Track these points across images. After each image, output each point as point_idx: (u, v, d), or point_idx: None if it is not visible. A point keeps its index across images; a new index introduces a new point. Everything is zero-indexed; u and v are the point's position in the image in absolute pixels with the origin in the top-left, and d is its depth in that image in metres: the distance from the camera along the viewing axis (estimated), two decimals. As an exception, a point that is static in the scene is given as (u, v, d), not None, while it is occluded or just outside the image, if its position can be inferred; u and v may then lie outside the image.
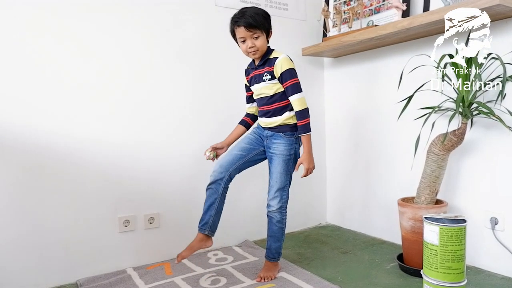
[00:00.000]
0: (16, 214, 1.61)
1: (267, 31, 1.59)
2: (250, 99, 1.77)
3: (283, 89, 1.59)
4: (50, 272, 1.67)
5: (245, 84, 1.75)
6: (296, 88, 1.56)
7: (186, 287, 1.61)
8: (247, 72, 1.71)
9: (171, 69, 1.95)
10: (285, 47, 2.32)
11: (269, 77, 1.58)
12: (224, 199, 1.65)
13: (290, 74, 1.56)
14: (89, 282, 1.68)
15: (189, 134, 2.01)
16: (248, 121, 1.79)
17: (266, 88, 1.61)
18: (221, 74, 2.09)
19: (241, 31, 1.53)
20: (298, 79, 1.57)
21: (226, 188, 1.65)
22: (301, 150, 1.64)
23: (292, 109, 1.61)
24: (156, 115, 1.92)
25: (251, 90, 1.72)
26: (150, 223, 1.91)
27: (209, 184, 1.64)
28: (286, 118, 1.62)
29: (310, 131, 1.60)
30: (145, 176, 1.89)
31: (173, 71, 1.96)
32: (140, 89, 1.87)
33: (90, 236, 1.76)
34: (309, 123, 1.59)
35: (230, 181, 1.67)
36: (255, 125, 1.78)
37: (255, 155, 1.69)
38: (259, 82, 1.63)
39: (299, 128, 1.60)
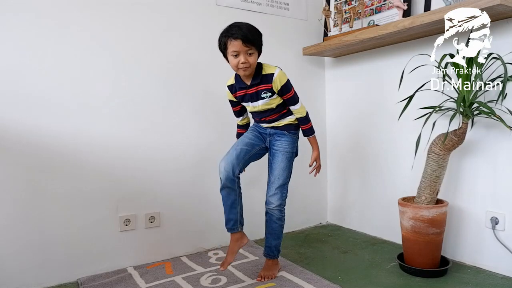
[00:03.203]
0: (17, 213, 1.61)
1: (259, 51, 1.54)
2: (239, 113, 1.75)
3: (282, 100, 1.61)
4: (51, 270, 1.68)
5: (231, 100, 1.70)
6: (295, 99, 1.61)
7: (186, 286, 1.61)
8: (234, 89, 1.65)
9: (171, 69, 1.96)
10: (286, 46, 2.34)
11: (269, 94, 1.57)
12: (241, 191, 1.62)
13: (288, 87, 1.58)
14: (90, 281, 1.69)
15: (189, 134, 2.01)
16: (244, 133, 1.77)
17: (267, 104, 1.60)
18: (222, 73, 2.09)
19: (236, 44, 1.46)
20: (294, 89, 1.60)
21: (239, 182, 1.60)
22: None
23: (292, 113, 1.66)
24: (157, 115, 1.92)
25: (238, 105, 1.71)
26: (151, 222, 1.91)
27: (223, 184, 1.57)
28: (289, 120, 1.66)
29: (314, 131, 1.71)
30: (145, 175, 1.89)
31: (173, 71, 1.96)
32: (140, 90, 1.87)
33: (91, 235, 1.77)
34: (312, 125, 1.69)
35: (240, 173, 1.62)
36: (252, 123, 1.77)
37: (258, 150, 1.68)
38: (256, 100, 1.60)
39: (305, 131, 1.69)
